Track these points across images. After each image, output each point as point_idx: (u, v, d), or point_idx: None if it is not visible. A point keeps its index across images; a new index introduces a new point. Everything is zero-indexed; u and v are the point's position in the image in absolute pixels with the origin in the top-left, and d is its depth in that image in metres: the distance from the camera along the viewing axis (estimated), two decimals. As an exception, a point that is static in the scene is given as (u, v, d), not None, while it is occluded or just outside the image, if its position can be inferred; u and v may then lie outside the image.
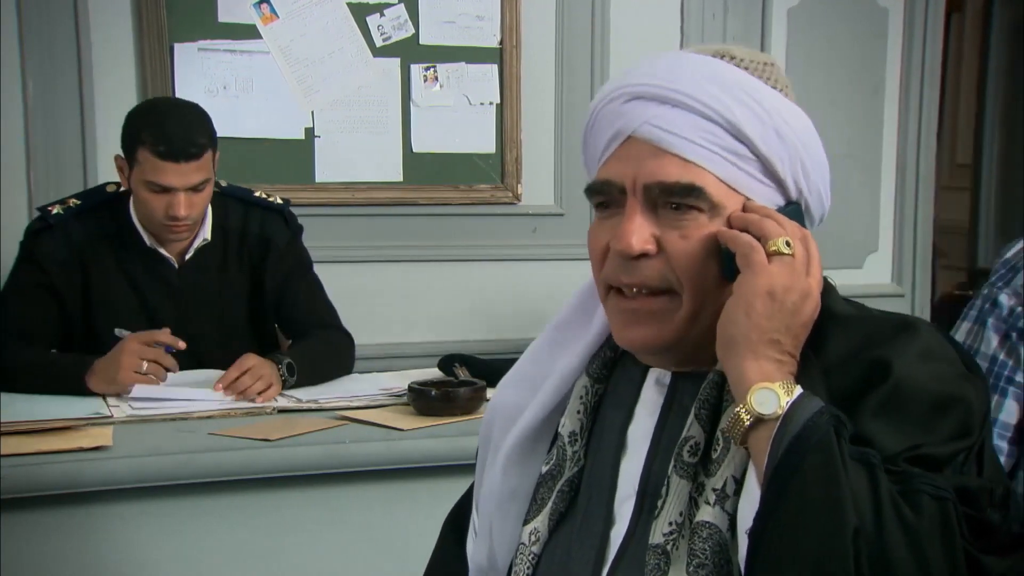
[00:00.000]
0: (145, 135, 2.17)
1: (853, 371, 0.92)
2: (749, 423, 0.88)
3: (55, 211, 2.31)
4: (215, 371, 2.20)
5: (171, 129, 2.17)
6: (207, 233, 2.37)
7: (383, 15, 3.00)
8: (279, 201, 2.49)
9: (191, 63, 2.85)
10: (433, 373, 2.37)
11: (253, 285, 2.45)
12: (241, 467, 1.80)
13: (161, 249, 2.33)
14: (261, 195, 2.49)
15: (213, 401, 2.09)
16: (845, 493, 0.82)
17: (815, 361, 0.94)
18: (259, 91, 2.92)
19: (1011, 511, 0.91)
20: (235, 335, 2.42)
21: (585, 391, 1.09)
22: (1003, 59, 4.54)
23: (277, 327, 2.53)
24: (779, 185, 0.99)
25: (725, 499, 0.92)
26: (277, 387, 2.16)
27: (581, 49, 3.18)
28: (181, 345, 2.17)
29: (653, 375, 1.06)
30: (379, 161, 3.04)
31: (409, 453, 1.89)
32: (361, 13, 2.98)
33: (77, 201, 2.34)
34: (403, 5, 3.01)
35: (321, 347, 2.38)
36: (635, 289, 0.99)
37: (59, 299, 2.29)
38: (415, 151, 3.06)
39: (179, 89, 2.83)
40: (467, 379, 2.19)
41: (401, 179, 3.06)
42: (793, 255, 0.94)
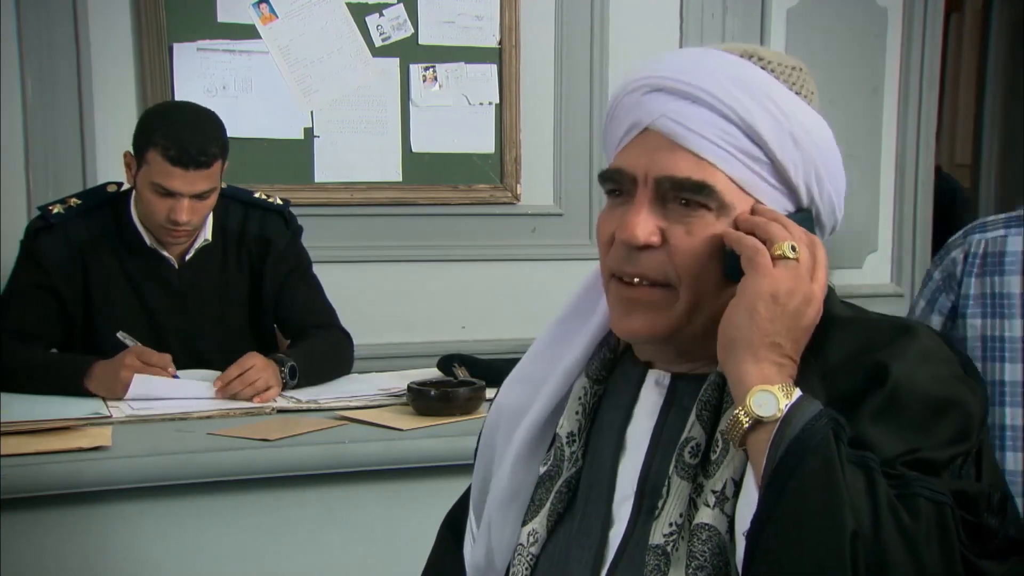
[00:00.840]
0: (158, 137, 2.17)
1: (852, 374, 0.92)
2: (748, 425, 0.88)
3: (56, 210, 2.30)
4: (214, 371, 2.20)
5: (185, 135, 2.17)
6: (208, 234, 2.37)
7: (382, 15, 3.00)
8: (279, 202, 2.49)
9: (190, 63, 2.85)
10: (432, 373, 2.37)
11: (253, 285, 2.45)
12: (240, 467, 1.80)
13: (161, 249, 2.33)
14: (261, 196, 2.49)
15: (212, 401, 2.09)
16: (843, 497, 0.82)
17: (814, 364, 0.94)
18: (258, 91, 2.92)
19: (1008, 515, 0.91)
20: (235, 335, 2.42)
21: (584, 392, 1.09)
22: (1002, 59, 4.55)
23: (276, 327, 2.53)
24: (791, 191, 0.99)
25: (724, 501, 0.92)
26: (277, 388, 2.16)
27: (580, 49, 3.18)
28: (172, 372, 2.16)
29: (652, 376, 1.06)
30: (378, 161, 3.04)
31: (408, 453, 1.89)
32: (360, 13, 2.98)
33: (78, 201, 2.34)
34: (402, 5, 3.01)
35: (320, 347, 2.37)
36: (636, 279, 0.99)
37: (59, 298, 2.29)
38: (414, 151, 3.07)
39: (178, 89, 2.83)
40: (466, 379, 2.18)
41: (400, 179, 3.07)
42: (798, 259, 0.94)
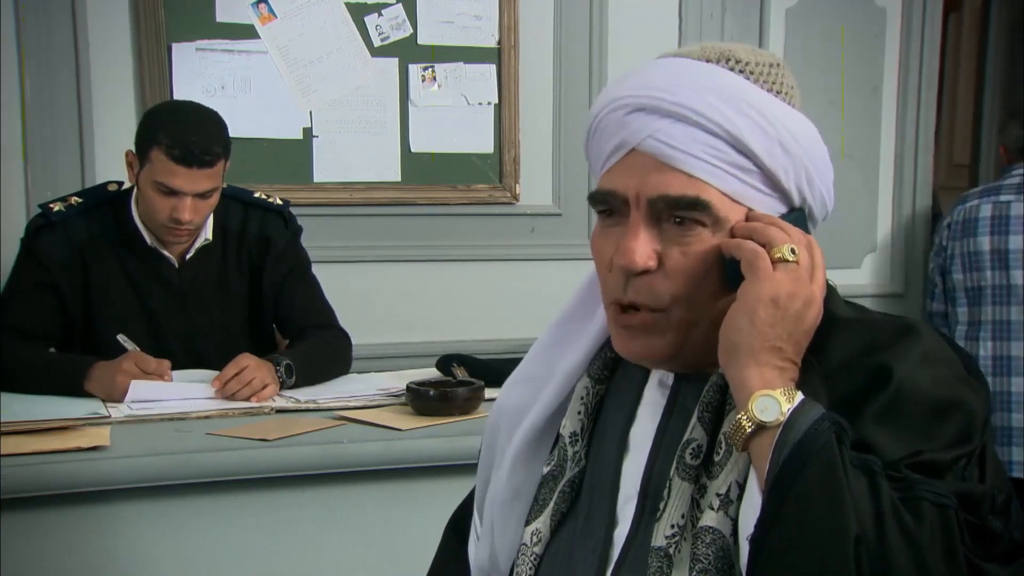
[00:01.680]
0: (161, 135, 2.17)
1: (854, 376, 0.92)
2: (751, 430, 0.88)
3: (56, 208, 2.30)
4: (213, 371, 2.19)
5: (189, 134, 2.17)
6: (208, 233, 2.37)
7: (381, 15, 3.00)
8: (279, 202, 2.49)
9: (189, 63, 2.85)
10: (431, 373, 2.37)
11: (252, 285, 2.45)
12: (239, 467, 1.80)
13: (162, 249, 2.33)
14: (261, 196, 2.49)
15: (211, 401, 2.09)
16: (846, 500, 0.82)
17: (817, 366, 0.94)
18: (257, 91, 2.92)
19: (1013, 518, 0.90)
20: (235, 335, 2.42)
21: (586, 392, 1.09)
22: (1001, 59, 4.54)
23: (275, 327, 2.53)
24: (782, 194, 0.98)
25: (729, 504, 0.92)
26: (274, 387, 2.16)
27: (579, 49, 3.17)
28: (169, 378, 2.16)
29: (655, 376, 1.06)
30: (377, 161, 3.04)
31: (407, 453, 1.89)
32: (359, 13, 2.98)
33: (78, 199, 2.34)
34: (401, 5, 3.01)
35: (319, 347, 2.37)
36: (633, 307, 0.99)
37: (60, 296, 2.29)
38: (413, 151, 3.06)
39: (177, 89, 2.83)
40: (465, 379, 2.18)
41: (399, 179, 3.06)
42: (798, 262, 0.94)
